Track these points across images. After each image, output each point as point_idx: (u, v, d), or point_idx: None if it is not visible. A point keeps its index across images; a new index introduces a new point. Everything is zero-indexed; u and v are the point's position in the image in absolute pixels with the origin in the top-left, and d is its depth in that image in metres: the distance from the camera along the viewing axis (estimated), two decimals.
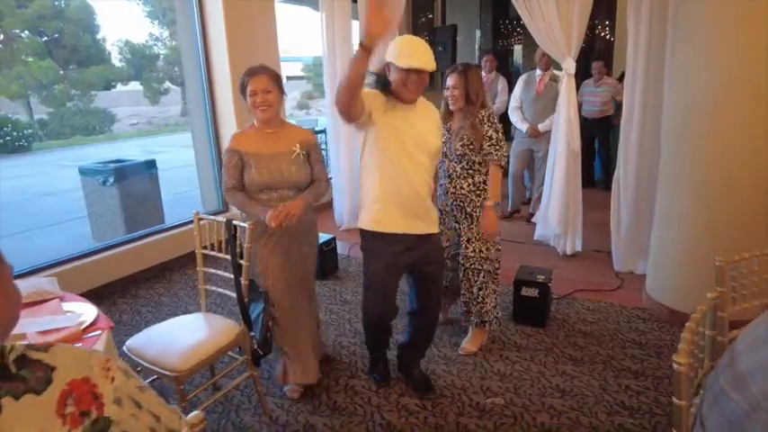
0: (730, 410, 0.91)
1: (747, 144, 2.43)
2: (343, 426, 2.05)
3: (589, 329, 2.77)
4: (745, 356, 0.92)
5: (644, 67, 3.13)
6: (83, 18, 18.77)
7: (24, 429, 0.67)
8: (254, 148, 2.01)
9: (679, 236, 2.73)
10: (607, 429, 1.99)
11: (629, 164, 3.32)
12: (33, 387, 0.68)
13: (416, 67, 1.79)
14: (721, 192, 2.52)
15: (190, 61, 4.13)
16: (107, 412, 0.72)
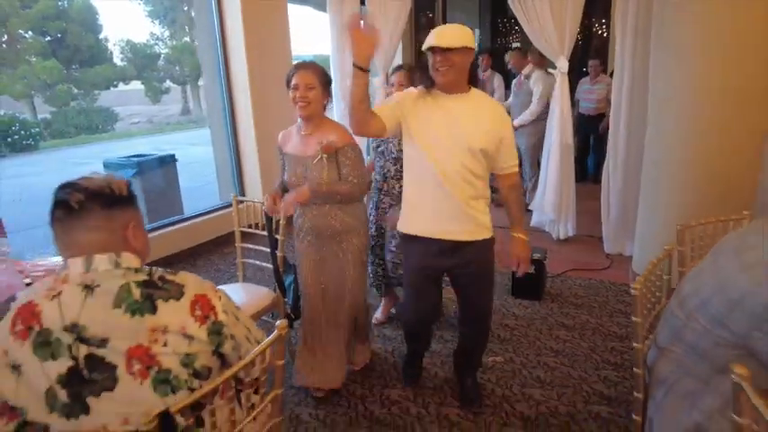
0: (674, 324, 1.23)
1: (720, 134, 2.73)
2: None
3: (580, 302, 3.07)
4: (687, 284, 1.24)
5: (630, 65, 3.44)
6: (86, 18, 18.97)
7: (173, 322, 0.97)
8: (289, 147, 2.06)
9: (662, 218, 3.03)
10: (594, 381, 2.30)
11: (617, 155, 3.62)
12: (174, 295, 0.99)
13: (435, 45, 1.63)
14: (699, 177, 2.81)
15: (208, 61, 4.42)
16: (220, 317, 1.04)
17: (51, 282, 0.96)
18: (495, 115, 1.80)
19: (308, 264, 2.12)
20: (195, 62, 21.93)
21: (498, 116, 1.81)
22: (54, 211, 0.97)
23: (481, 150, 1.76)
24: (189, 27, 22.68)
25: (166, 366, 0.94)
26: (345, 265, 2.09)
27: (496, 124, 1.79)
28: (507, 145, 1.83)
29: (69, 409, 0.90)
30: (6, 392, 0.91)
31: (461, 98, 1.77)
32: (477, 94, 1.82)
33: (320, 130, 1.98)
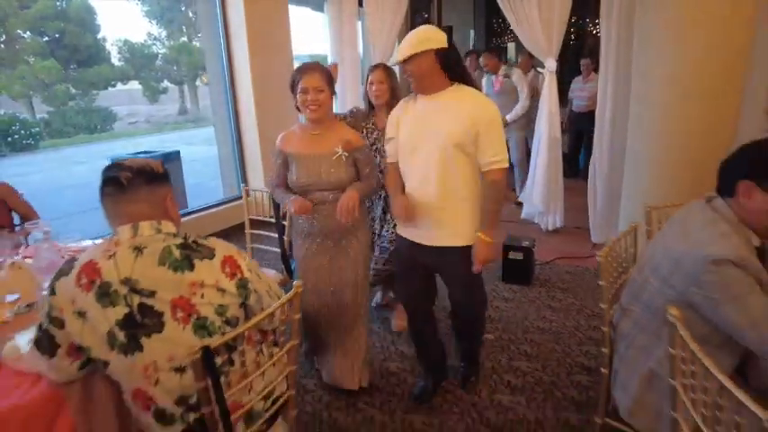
0: (633, 286, 1.43)
1: (693, 126, 2.93)
2: None
3: (566, 287, 3.28)
4: (645, 252, 1.44)
5: (614, 63, 3.64)
6: (84, 18, 19.01)
7: (208, 278, 1.16)
8: (297, 148, 1.98)
9: (642, 206, 3.23)
10: (576, 355, 2.50)
11: (603, 149, 3.82)
12: (207, 255, 1.18)
13: (400, 61, 1.72)
14: (676, 166, 3.01)
15: (212, 61, 4.60)
16: (245, 275, 1.23)
17: (105, 245, 1.15)
18: (472, 109, 1.72)
19: (318, 269, 2.06)
20: (193, 62, 22.06)
21: (476, 110, 1.72)
22: (104, 187, 1.16)
23: (456, 146, 1.72)
24: (186, 27, 22.80)
25: (204, 314, 1.13)
26: (355, 262, 2.08)
27: (472, 119, 1.71)
28: (485, 140, 1.72)
29: (126, 348, 1.09)
30: (74, 334, 1.10)
31: (437, 96, 1.77)
32: (456, 90, 1.77)
33: (331, 130, 1.98)
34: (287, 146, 2.01)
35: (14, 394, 1.18)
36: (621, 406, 1.43)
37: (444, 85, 1.76)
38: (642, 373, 1.35)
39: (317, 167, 1.95)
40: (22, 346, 1.33)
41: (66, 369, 1.15)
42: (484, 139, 1.73)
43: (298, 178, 1.96)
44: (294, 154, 1.98)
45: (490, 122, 1.73)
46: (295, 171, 1.98)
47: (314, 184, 1.95)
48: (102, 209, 1.17)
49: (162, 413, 1.14)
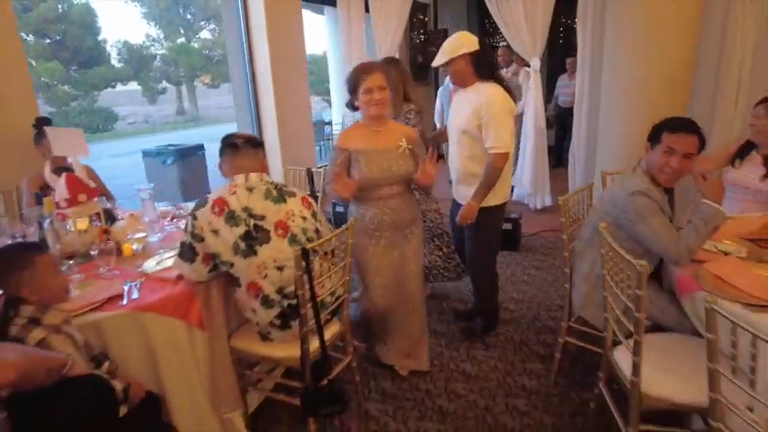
0: (585, 223, 2.01)
1: (653, 110, 3.52)
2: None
3: (548, 252, 3.88)
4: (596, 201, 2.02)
5: (590, 61, 4.24)
6: (85, 21, 19.38)
7: (295, 208, 1.72)
8: (363, 144, 2.05)
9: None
10: (555, 299, 3.10)
11: (580, 137, 4.43)
12: (292, 194, 1.76)
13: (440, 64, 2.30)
14: (639, 148, 3.61)
15: (236, 61, 5.14)
16: (315, 209, 1.79)
17: (227, 188, 1.71)
18: (478, 103, 2.17)
19: (391, 264, 2.18)
20: (191, 62, 22.51)
21: (481, 104, 2.17)
22: (226, 147, 1.73)
23: (464, 132, 2.28)
24: (184, 29, 23.23)
25: (294, 232, 1.71)
26: (418, 250, 2.23)
27: (478, 111, 2.18)
28: (486, 129, 2.19)
29: (246, 253, 1.66)
30: (210, 245, 1.66)
31: (466, 90, 2.31)
32: (479, 86, 2.24)
33: (391, 126, 2.14)
34: (351, 144, 2.07)
35: (164, 291, 1.74)
36: (576, 305, 2.02)
37: (473, 80, 2.27)
38: (588, 276, 1.95)
39: (387, 161, 2.04)
40: (152, 266, 1.90)
41: (200, 271, 1.71)
42: (485, 128, 2.20)
43: (370, 173, 2.03)
44: (361, 150, 2.05)
45: (491, 115, 2.17)
46: (364, 167, 2.03)
47: (384, 178, 2.05)
48: (223, 164, 1.75)
49: (266, 299, 1.71)
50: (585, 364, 2.36)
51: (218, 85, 23.77)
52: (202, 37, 23.30)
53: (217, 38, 23.19)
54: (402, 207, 2.13)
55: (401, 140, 2.08)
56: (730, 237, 1.89)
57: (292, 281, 1.68)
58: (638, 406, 1.51)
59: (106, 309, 1.65)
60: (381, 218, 2.11)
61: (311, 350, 1.76)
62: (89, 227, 2.10)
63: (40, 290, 1.38)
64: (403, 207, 2.13)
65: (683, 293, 1.67)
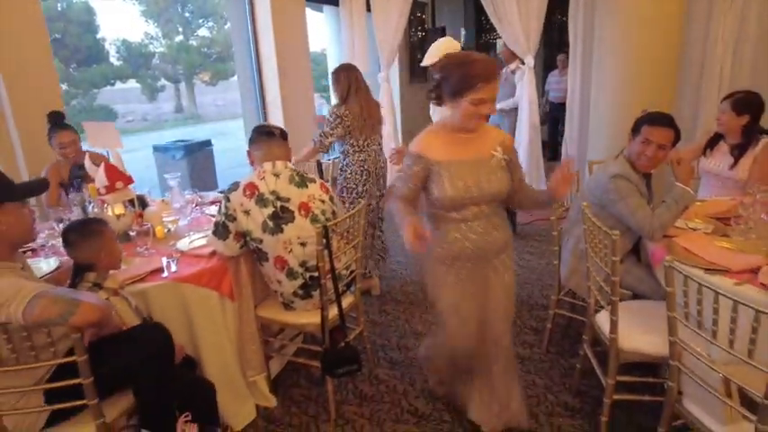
0: (574, 205, 2.25)
1: (639, 104, 3.77)
2: None
3: (542, 239, 4.12)
4: (582, 186, 2.26)
5: (581, 58, 4.48)
6: (84, 19, 19.50)
7: (315, 193, 1.97)
8: (447, 154, 1.64)
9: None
10: (547, 279, 3.34)
11: (573, 129, 4.68)
12: (312, 180, 2.00)
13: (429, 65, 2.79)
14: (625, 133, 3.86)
15: (242, 57, 5.36)
16: (332, 194, 2.02)
17: (256, 174, 1.94)
18: None
19: (472, 298, 1.76)
20: (190, 60, 22.66)
21: None
22: (260, 136, 1.97)
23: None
24: (183, 27, 23.35)
25: (315, 213, 1.94)
26: (507, 285, 1.82)
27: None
28: None
29: (273, 231, 1.89)
30: (242, 224, 1.89)
31: None
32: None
33: (483, 130, 1.72)
34: (433, 153, 1.65)
35: (199, 264, 1.97)
36: (563, 277, 2.27)
37: None
38: (573, 250, 2.19)
39: (476, 176, 1.64)
40: (185, 244, 2.13)
41: (232, 247, 1.94)
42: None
43: (454, 190, 1.62)
44: (445, 162, 1.64)
45: None
46: (447, 182, 1.63)
47: (474, 196, 1.64)
48: (254, 151, 1.98)
49: (291, 271, 1.95)
50: (573, 336, 2.61)
51: (216, 82, 23.93)
52: (201, 35, 23.44)
53: (215, 36, 23.34)
54: (490, 231, 1.71)
55: (496, 149, 1.68)
56: (700, 216, 2.14)
57: (314, 255, 1.92)
58: (616, 359, 1.75)
59: (149, 280, 1.88)
60: (463, 244, 1.69)
61: (329, 317, 2.00)
62: (125, 211, 2.33)
63: (110, 254, 1.62)
64: (491, 231, 1.71)
65: (657, 263, 1.91)
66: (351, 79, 3.06)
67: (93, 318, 1.29)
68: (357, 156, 3.05)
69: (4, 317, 1.26)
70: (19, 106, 2.98)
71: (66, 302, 1.28)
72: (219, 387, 1.92)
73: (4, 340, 1.33)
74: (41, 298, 1.26)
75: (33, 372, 1.42)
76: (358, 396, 2.24)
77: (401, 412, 2.12)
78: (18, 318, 1.25)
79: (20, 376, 1.40)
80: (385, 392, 2.25)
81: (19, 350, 1.36)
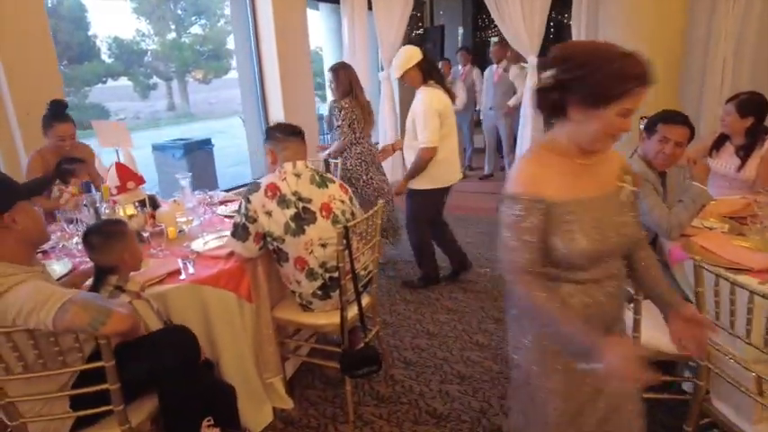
0: None
1: (647, 108, 3.81)
2: None
3: None
4: None
5: None
6: (75, 16, 19.25)
7: (335, 193, 1.96)
8: (569, 191, 1.13)
9: None
10: None
11: None
12: (332, 181, 1.99)
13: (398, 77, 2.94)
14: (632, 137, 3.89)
15: (243, 56, 5.31)
16: (350, 194, 2.01)
17: (277, 174, 1.92)
18: (416, 103, 2.80)
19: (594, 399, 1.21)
20: (183, 58, 22.47)
21: (415, 107, 2.80)
22: (282, 134, 1.94)
23: (410, 127, 2.87)
24: (175, 24, 23.15)
25: (336, 213, 1.93)
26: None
27: (413, 111, 2.81)
28: (417, 128, 2.82)
29: (295, 232, 1.87)
30: (264, 225, 1.87)
31: (417, 93, 2.89)
32: (421, 90, 2.82)
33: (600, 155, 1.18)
34: (551, 190, 1.12)
35: (217, 266, 1.95)
36: None
37: (420, 84, 2.83)
38: None
39: (609, 218, 1.16)
40: (200, 246, 2.11)
41: (251, 249, 1.92)
42: (417, 126, 2.79)
43: (588, 242, 1.11)
44: (571, 203, 1.12)
45: (418, 116, 2.77)
46: (579, 231, 1.11)
47: (609, 248, 1.16)
48: (274, 150, 1.96)
49: (311, 272, 1.93)
50: None
51: (209, 80, 23.75)
52: (193, 32, 23.24)
53: (208, 33, 23.15)
54: (618, 292, 1.24)
55: (622, 178, 1.21)
56: (715, 215, 2.15)
57: (334, 256, 1.91)
58: None
59: (167, 282, 1.85)
60: (591, 313, 1.17)
61: (348, 318, 1.99)
62: (136, 212, 2.30)
63: (133, 255, 1.59)
64: (619, 292, 1.24)
65: (674, 263, 1.92)
66: (351, 77, 3.18)
67: (124, 327, 1.27)
68: (354, 148, 3.27)
69: (33, 323, 1.23)
70: (19, 94, 2.92)
71: (98, 310, 1.25)
72: (238, 390, 1.91)
73: (31, 346, 1.31)
74: (73, 304, 1.23)
75: (58, 377, 1.40)
76: (375, 397, 2.23)
77: (419, 413, 2.12)
78: (48, 324, 1.22)
79: (45, 381, 1.38)
80: (402, 393, 2.25)
81: (46, 355, 1.34)
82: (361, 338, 2.08)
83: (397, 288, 3.29)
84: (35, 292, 1.25)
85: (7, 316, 1.24)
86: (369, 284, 2.19)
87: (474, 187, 6.00)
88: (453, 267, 3.38)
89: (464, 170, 6.46)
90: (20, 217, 1.34)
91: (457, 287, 3.28)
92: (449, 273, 3.39)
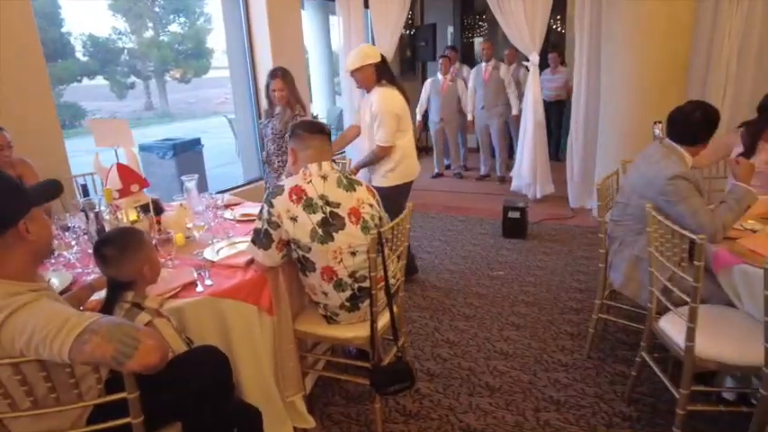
0: (620, 206, 2.16)
1: (652, 104, 3.76)
2: None
3: (555, 239, 4.06)
4: (623, 183, 2.17)
5: (587, 56, 4.43)
6: (47, 11, 18.59)
7: (363, 197, 1.81)
8: None
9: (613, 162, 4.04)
10: (570, 282, 3.26)
11: (578, 128, 4.63)
12: (359, 183, 1.85)
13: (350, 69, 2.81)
14: (639, 138, 3.82)
15: (236, 55, 5.11)
16: (378, 198, 1.87)
17: (301, 176, 1.77)
18: (375, 103, 2.79)
19: None
20: (162, 56, 21.91)
21: (375, 103, 2.79)
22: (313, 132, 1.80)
23: (371, 128, 2.85)
24: (153, 22, 22.56)
25: (366, 219, 1.78)
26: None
27: (372, 111, 2.80)
28: (375, 128, 2.82)
29: (323, 239, 1.72)
30: (289, 231, 1.72)
31: (368, 95, 2.88)
32: (375, 91, 2.81)
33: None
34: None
35: (236, 277, 1.78)
36: (616, 282, 2.17)
37: (373, 86, 2.83)
38: (629, 258, 2.10)
39: None
40: (212, 254, 1.95)
41: (274, 257, 1.76)
42: (376, 125, 2.82)
43: None
44: None
45: (376, 116, 2.80)
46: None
47: None
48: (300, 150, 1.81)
49: (339, 282, 1.78)
50: (611, 340, 2.53)
51: (188, 79, 23.20)
52: (172, 31, 22.69)
53: (187, 32, 22.65)
54: None
55: None
56: (753, 216, 2.08)
57: (364, 265, 1.77)
58: (692, 368, 1.66)
59: (183, 295, 1.68)
60: None
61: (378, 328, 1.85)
62: (139, 217, 2.12)
63: (153, 267, 1.42)
64: None
65: (721, 267, 1.84)
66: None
67: (154, 360, 1.07)
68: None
69: (45, 354, 1.05)
70: (5, 101, 2.75)
71: (123, 341, 1.05)
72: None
73: (42, 378, 1.13)
74: (93, 334, 1.04)
75: (72, 410, 1.22)
76: (402, 413, 2.09)
77: (452, 429, 1.99)
78: (63, 356, 1.03)
79: (57, 416, 1.20)
80: (431, 408, 2.12)
81: (59, 386, 1.16)
82: (392, 352, 1.94)
83: (410, 294, 3.16)
84: (46, 318, 1.06)
85: (14, 345, 1.06)
86: (396, 293, 2.05)
87: (472, 188, 5.90)
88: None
89: (459, 170, 6.38)
90: (34, 226, 1.16)
91: (471, 292, 3.16)
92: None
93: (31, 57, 2.93)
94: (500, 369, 2.36)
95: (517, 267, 3.52)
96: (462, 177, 6.33)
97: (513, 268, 3.51)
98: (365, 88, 2.89)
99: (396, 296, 2.06)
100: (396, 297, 2.06)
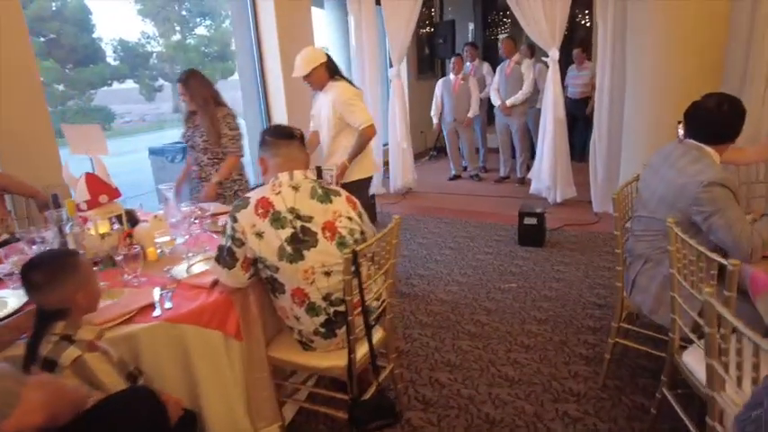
0: (643, 219, 1.89)
1: (680, 101, 3.41)
2: None
3: (574, 247, 3.76)
4: (642, 194, 1.90)
5: (611, 52, 4.11)
6: (79, 18, 19.12)
7: (341, 209, 1.60)
8: None
9: (636, 163, 3.71)
10: (588, 296, 2.98)
11: (602, 128, 4.30)
12: (338, 194, 1.62)
13: (301, 75, 2.80)
14: (666, 138, 3.50)
15: (244, 57, 4.99)
16: (359, 209, 1.67)
17: (270, 187, 1.59)
18: (333, 100, 2.78)
19: None
20: (189, 59, 22.27)
21: (335, 101, 2.78)
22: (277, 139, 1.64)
23: (329, 121, 2.85)
24: (180, 25, 22.96)
25: (343, 234, 1.58)
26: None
27: (335, 106, 2.79)
28: (348, 113, 2.78)
29: (292, 257, 1.53)
30: (255, 249, 1.54)
31: (323, 93, 2.88)
32: (330, 86, 2.82)
33: None
34: None
35: (199, 299, 1.62)
36: (645, 306, 1.88)
37: (326, 83, 2.84)
38: (659, 280, 1.82)
39: None
40: (182, 272, 1.78)
41: (239, 277, 1.59)
42: (348, 115, 2.79)
43: None
44: None
45: (345, 104, 2.77)
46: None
47: None
48: (269, 158, 1.63)
49: (312, 306, 1.59)
50: (631, 367, 2.26)
51: (214, 81, 23.53)
52: (199, 33, 23.06)
53: (213, 34, 22.96)
54: None
55: None
56: None
57: (339, 287, 1.57)
58: (720, 412, 1.39)
59: (138, 320, 1.53)
60: None
61: (357, 358, 1.65)
62: (110, 230, 1.98)
63: (89, 294, 1.26)
64: None
65: (760, 291, 1.56)
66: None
67: (36, 420, 0.93)
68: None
69: None
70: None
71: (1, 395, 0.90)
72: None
73: None
74: None
75: None
76: None
77: None
78: None
79: None
80: None
81: None
82: (374, 385, 1.73)
83: (412, 309, 2.95)
84: None
85: None
86: (382, 316, 1.84)
87: (489, 191, 5.62)
88: None
89: (477, 171, 6.11)
90: None
91: (479, 307, 2.93)
92: None
93: (22, 62, 2.86)
94: (503, 398, 2.12)
95: (531, 279, 3.26)
96: (481, 179, 6.06)
97: (527, 280, 3.25)
98: (319, 88, 2.90)
99: (382, 318, 1.86)
100: (383, 319, 1.86)
